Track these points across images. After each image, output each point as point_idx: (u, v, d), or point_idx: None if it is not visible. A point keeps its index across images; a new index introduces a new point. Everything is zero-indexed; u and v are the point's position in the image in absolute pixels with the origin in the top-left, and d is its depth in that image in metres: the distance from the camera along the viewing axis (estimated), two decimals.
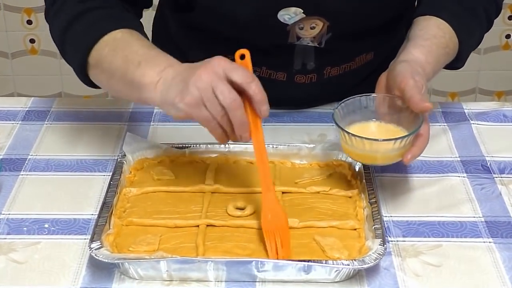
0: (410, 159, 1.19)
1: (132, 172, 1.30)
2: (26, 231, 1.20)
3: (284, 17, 1.37)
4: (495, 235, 1.20)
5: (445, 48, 1.34)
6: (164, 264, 1.08)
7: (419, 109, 1.19)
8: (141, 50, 1.21)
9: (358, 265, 1.07)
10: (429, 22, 1.36)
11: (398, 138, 1.18)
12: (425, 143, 1.21)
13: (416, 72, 1.23)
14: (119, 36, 1.25)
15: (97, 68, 1.26)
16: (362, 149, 1.19)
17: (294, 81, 1.49)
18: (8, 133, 1.45)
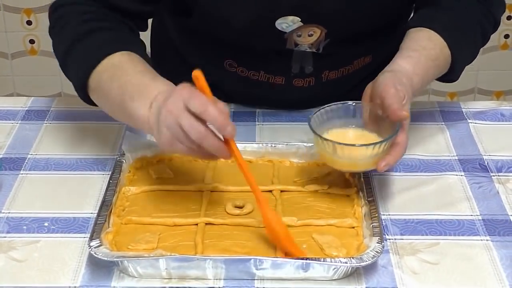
0: (383, 167, 1.19)
1: (131, 171, 1.30)
2: (26, 229, 1.20)
3: (282, 26, 1.38)
4: (492, 233, 1.20)
5: (434, 61, 1.33)
6: (163, 262, 1.08)
7: (396, 117, 1.18)
8: (135, 79, 1.22)
9: (356, 263, 1.08)
10: (419, 33, 1.36)
11: (370, 144, 1.18)
12: (401, 152, 1.20)
13: (399, 82, 1.23)
14: (117, 61, 1.26)
15: (97, 93, 1.28)
16: (334, 154, 1.19)
17: (293, 85, 1.50)
18: (8, 132, 1.46)
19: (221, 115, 1.09)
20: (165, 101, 1.12)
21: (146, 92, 1.18)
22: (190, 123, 1.09)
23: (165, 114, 1.11)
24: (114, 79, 1.23)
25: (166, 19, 1.59)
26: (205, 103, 1.09)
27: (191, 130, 1.09)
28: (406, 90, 1.22)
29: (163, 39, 1.62)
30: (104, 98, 1.27)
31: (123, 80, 1.22)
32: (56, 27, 1.35)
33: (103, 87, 1.25)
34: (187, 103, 1.09)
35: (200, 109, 1.08)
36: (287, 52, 1.43)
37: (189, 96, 1.10)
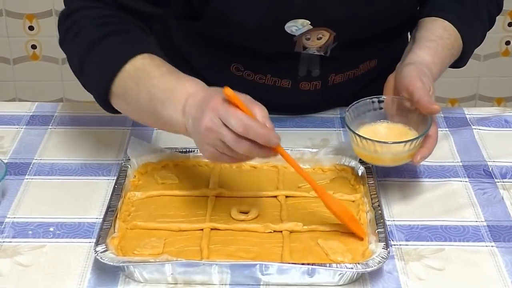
0: (419, 160, 1.22)
1: (137, 176, 1.30)
2: (31, 234, 1.21)
3: (291, 29, 1.38)
4: (497, 239, 1.20)
5: (450, 50, 1.36)
6: (169, 267, 1.08)
7: (428, 111, 1.21)
8: (162, 83, 1.20)
9: (361, 269, 1.08)
10: (434, 23, 1.38)
11: (408, 140, 1.20)
12: (433, 144, 1.23)
13: (423, 73, 1.25)
14: (140, 65, 1.23)
15: (122, 100, 1.26)
16: (373, 151, 1.22)
17: (299, 88, 1.50)
18: (13, 137, 1.46)
19: (263, 129, 1.08)
20: (201, 116, 1.11)
21: (175, 97, 1.17)
22: (234, 140, 1.08)
23: (205, 133, 1.10)
24: (140, 85, 1.21)
25: (171, 24, 1.59)
26: (244, 120, 1.08)
27: (238, 146, 1.09)
28: (430, 82, 1.25)
29: (166, 44, 1.62)
30: (132, 105, 1.25)
31: (149, 85, 1.20)
32: (69, 34, 1.32)
33: (130, 94, 1.23)
34: (225, 121, 1.08)
35: (241, 129, 1.07)
36: (294, 55, 1.44)
37: (225, 113, 1.09)
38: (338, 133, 1.48)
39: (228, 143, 1.09)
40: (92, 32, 1.29)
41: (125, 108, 1.27)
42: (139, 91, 1.21)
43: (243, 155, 1.11)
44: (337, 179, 1.30)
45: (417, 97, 1.22)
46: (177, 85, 1.19)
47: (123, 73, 1.23)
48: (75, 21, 1.32)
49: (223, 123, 1.09)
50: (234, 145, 1.09)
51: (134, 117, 1.29)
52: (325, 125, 1.51)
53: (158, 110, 1.18)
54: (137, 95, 1.21)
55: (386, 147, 1.21)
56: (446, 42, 1.36)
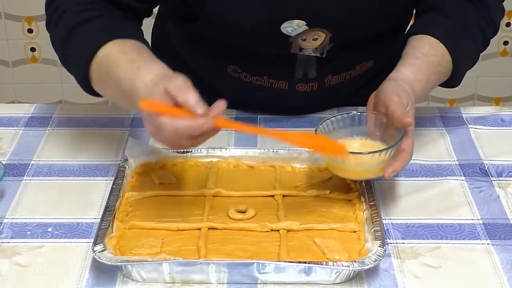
0: (390, 174, 1.20)
1: (134, 177, 1.31)
2: (30, 235, 1.21)
3: (287, 29, 1.39)
4: (493, 237, 1.21)
5: (436, 67, 1.34)
6: (166, 266, 1.09)
7: (400, 123, 1.20)
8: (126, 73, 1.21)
9: (358, 267, 1.09)
10: (420, 40, 1.37)
11: (377, 151, 1.19)
12: (407, 158, 1.21)
13: (402, 89, 1.24)
14: (109, 52, 1.26)
15: (100, 85, 1.29)
16: (342, 162, 1.20)
17: (296, 90, 1.50)
18: (11, 139, 1.47)
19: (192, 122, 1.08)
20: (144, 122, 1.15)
21: (136, 89, 1.18)
22: (175, 139, 1.11)
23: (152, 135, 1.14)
24: (110, 73, 1.24)
25: (168, 25, 1.60)
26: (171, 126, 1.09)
27: (180, 144, 1.12)
28: (409, 97, 1.23)
29: (164, 45, 1.63)
30: (108, 90, 1.28)
31: (117, 73, 1.22)
32: (52, 20, 1.36)
33: (104, 81, 1.26)
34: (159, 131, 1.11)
35: (173, 135, 1.10)
36: (291, 57, 1.44)
37: (155, 126, 1.11)
38: None
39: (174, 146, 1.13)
40: (72, 17, 1.32)
41: (104, 92, 1.31)
42: (110, 79, 1.24)
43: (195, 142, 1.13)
44: (333, 178, 1.30)
45: (391, 110, 1.21)
46: (136, 76, 1.19)
47: (96, 59, 1.26)
48: (58, 7, 1.35)
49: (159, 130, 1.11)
50: (176, 142, 1.12)
51: (114, 102, 1.32)
52: None
53: (127, 100, 1.21)
54: (110, 84, 1.25)
55: (354, 157, 1.19)
56: (431, 59, 1.34)
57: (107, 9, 1.34)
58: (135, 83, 1.18)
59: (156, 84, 1.14)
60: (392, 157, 1.20)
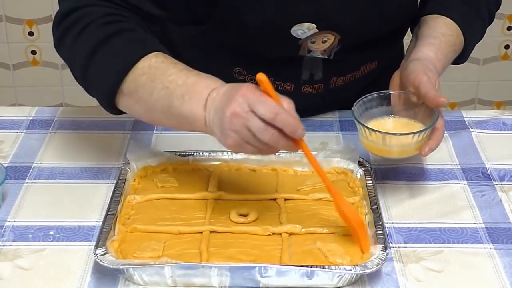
0: (427, 152, 1.24)
1: (136, 180, 1.31)
2: (32, 238, 1.21)
3: (297, 32, 1.39)
4: (495, 241, 1.21)
5: (452, 46, 1.40)
6: (168, 270, 1.09)
7: (435, 104, 1.24)
8: (180, 79, 1.18)
9: (360, 271, 1.08)
10: (437, 20, 1.42)
11: (416, 132, 1.23)
12: (441, 136, 1.25)
13: (428, 68, 1.28)
14: (154, 63, 1.21)
15: (131, 98, 1.22)
16: (382, 143, 1.24)
17: (301, 91, 1.51)
18: (13, 142, 1.46)
19: (291, 119, 1.09)
20: (228, 103, 1.10)
21: (196, 91, 1.16)
22: (260, 127, 1.08)
23: (231, 118, 1.09)
24: (156, 81, 1.19)
25: (169, 28, 1.59)
26: (274, 108, 1.08)
27: (263, 133, 1.08)
28: (436, 76, 1.28)
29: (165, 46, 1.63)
30: (142, 103, 1.21)
31: (166, 81, 1.18)
32: (69, 34, 1.27)
33: (143, 91, 1.20)
34: (254, 107, 1.08)
35: (270, 116, 1.08)
36: (298, 59, 1.45)
37: (255, 99, 1.09)
38: (337, 136, 1.49)
39: (254, 129, 1.08)
40: (99, 30, 1.24)
41: (134, 107, 1.23)
42: (154, 87, 1.19)
43: (266, 145, 1.10)
44: (336, 181, 1.30)
45: (423, 91, 1.24)
46: (198, 80, 1.18)
47: (135, 70, 1.20)
48: (77, 20, 1.27)
49: (250, 110, 1.09)
50: (260, 132, 1.08)
51: (144, 116, 1.25)
52: (324, 128, 1.51)
53: (176, 105, 1.17)
54: (151, 91, 1.19)
55: (394, 138, 1.23)
56: (448, 39, 1.39)
57: (133, 21, 1.29)
58: (195, 86, 1.16)
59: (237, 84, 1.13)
60: (427, 136, 1.24)
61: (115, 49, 1.23)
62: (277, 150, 1.13)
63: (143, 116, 1.25)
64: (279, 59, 1.44)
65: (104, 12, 1.27)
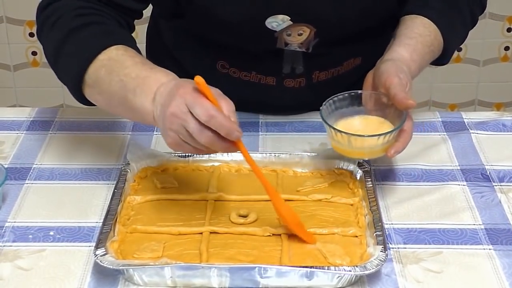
0: (393, 154, 1.24)
1: (136, 181, 1.31)
2: (32, 238, 1.21)
3: (272, 24, 1.39)
4: (495, 242, 1.21)
5: (430, 47, 1.38)
6: (168, 270, 1.09)
7: (403, 106, 1.23)
8: (134, 72, 1.21)
9: (359, 271, 1.09)
10: (414, 20, 1.40)
11: (382, 134, 1.22)
12: (408, 138, 1.25)
13: (401, 70, 1.27)
14: (114, 55, 1.25)
15: (94, 89, 1.26)
16: (348, 144, 1.24)
17: (284, 85, 1.51)
18: (13, 142, 1.47)
19: (226, 121, 1.10)
20: (168, 103, 1.12)
21: (147, 85, 1.18)
22: (197, 128, 1.10)
23: (170, 118, 1.12)
24: (113, 73, 1.23)
25: (161, 25, 1.61)
26: (209, 110, 1.09)
27: (200, 135, 1.10)
28: (407, 78, 1.27)
29: (158, 43, 1.64)
30: (103, 94, 1.25)
31: (122, 74, 1.22)
32: (47, 24, 1.33)
33: (102, 82, 1.24)
34: (191, 109, 1.10)
35: (205, 118, 1.09)
36: (278, 52, 1.45)
37: (192, 101, 1.10)
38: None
39: (191, 131, 1.10)
40: (69, 22, 1.30)
41: (97, 98, 1.28)
42: (111, 80, 1.22)
43: (204, 145, 1.11)
44: (335, 182, 1.31)
45: (393, 92, 1.24)
46: (150, 75, 1.20)
47: (96, 62, 1.25)
48: (53, 12, 1.33)
49: (189, 110, 1.10)
50: (196, 133, 1.10)
51: (106, 107, 1.29)
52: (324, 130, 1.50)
53: (129, 98, 1.19)
54: (109, 84, 1.23)
55: (360, 140, 1.23)
56: (425, 39, 1.37)
57: (105, 13, 1.33)
58: (146, 80, 1.19)
59: (185, 81, 1.14)
60: (394, 137, 1.24)
61: (81, 41, 1.28)
62: (215, 151, 1.14)
63: (106, 107, 1.29)
64: (259, 52, 1.45)
65: (78, 5, 1.32)
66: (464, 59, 3.02)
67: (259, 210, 1.23)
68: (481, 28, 2.93)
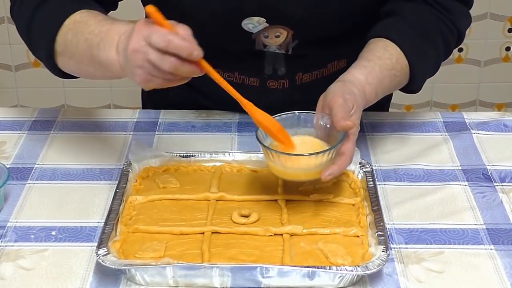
0: (327, 177, 1.19)
1: (138, 181, 1.31)
2: (34, 238, 1.21)
3: (248, 26, 1.40)
4: (496, 242, 1.21)
5: (390, 70, 1.34)
6: (170, 270, 1.09)
7: (340, 126, 1.19)
8: (97, 29, 1.22)
9: (361, 271, 1.09)
10: (377, 43, 1.37)
11: (313, 153, 1.18)
12: (346, 161, 1.21)
13: (349, 91, 1.24)
14: (78, 18, 1.26)
15: (64, 55, 1.28)
16: (281, 164, 1.20)
17: (267, 87, 1.51)
18: (15, 142, 1.47)
19: (184, 42, 1.10)
20: (127, 42, 1.13)
21: (109, 37, 1.19)
22: (159, 57, 1.09)
23: (132, 55, 1.12)
24: (78, 35, 1.23)
25: None
26: (165, 35, 1.09)
27: (162, 63, 1.10)
28: (355, 100, 1.24)
29: None
30: (73, 58, 1.26)
31: (86, 32, 1.22)
32: (15, 5, 1.36)
33: (70, 45, 1.25)
34: (149, 40, 1.10)
35: (162, 44, 1.09)
36: (259, 53, 1.46)
37: (148, 32, 1.10)
38: None
39: (153, 61, 1.10)
40: None
41: (69, 63, 1.29)
42: (78, 41, 1.23)
43: (171, 74, 1.11)
44: (337, 182, 1.31)
45: (333, 112, 1.21)
46: (111, 27, 1.21)
47: (63, 28, 1.26)
48: None
49: (147, 43, 1.10)
50: (159, 61, 1.10)
51: (78, 71, 1.30)
52: None
53: (95, 54, 1.20)
54: (77, 45, 1.24)
55: (292, 160, 1.19)
56: (385, 62, 1.33)
57: None
58: (108, 33, 1.20)
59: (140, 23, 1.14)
60: (331, 159, 1.20)
61: (48, 12, 1.30)
62: (184, 78, 1.14)
63: (77, 71, 1.30)
64: (241, 53, 1.45)
65: None
66: (465, 59, 3.03)
67: (261, 210, 1.24)
68: (482, 29, 2.93)
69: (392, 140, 1.47)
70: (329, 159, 1.20)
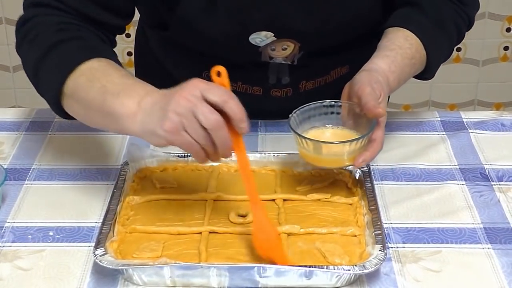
0: (360, 163, 1.23)
1: (135, 181, 1.31)
2: (31, 239, 1.21)
3: (255, 40, 1.40)
4: (493, 241, 1.21)
5: (410, 59, 1.36)
6: (167, 270, 1.09)
7: (372, 114, 1.22)
8: (119, 80, 1.19)
9: (358, 271, 1.09)
10: (396, 33, 1.39)
11: (347, 141, 1.21)
12: (378, 148, 1.24)
13: (375, 80, 1.26)
14: (96, 66, 1.23)
15: (72, 98, 1.24)
16: (314, 151, 1.23)
17: (270, 95, 1.52)
18: (13, 143, 1.47)
19: (241, 108, 1.09)
20: (178, 91, 1.09)
21: (132, 90, 1.16)
22: (208, 110, 1.07)
23: (179, 100, 1.08)
24: (94, 81, 1.20)
25: (147, 31, 1.61)
26: (228, 94, 1.09)
27: (209, 116, 1.07)
28: (382, 88, 1.26)
29: (146, 51, 1.63)
30: (80, 101, 1.22)
31: (104, 80, 1.19)
32: (26, 39, 1.31)
33: (80, 89, 1.21)
34: (205, 93, 1.08)
35: (220, 99, 1.08)
36: (263, 63, 1.46)
37: (208, 87, 1.09)
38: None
39: (200, 115, 1.07)
40: (50, 37, 1.28)
41: (74, 106, 1.25)
42: (91, 86, 1.20)
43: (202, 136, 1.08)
44: (334, 182, 1.31)
45: (364, 101, 1.23)
46: (136, 83, 1.18)
47: (76, 72, 1.22)
48: (33, 26, 1.31)
49: (202, 96, 1.08)
50: (206, 115, 1.07)
51: (82, 116, 1.26)
52: None
53: (109, 101, 1.16)
54: (88, 90, 1.20)
55: (325, 147, 1.22)
56: (406, 52, 1.36)
57: (85, 29, 1.31)
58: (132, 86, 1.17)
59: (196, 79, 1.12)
60: (363, 147, 1.22)
61: (61, 55, 1.26)
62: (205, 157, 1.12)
63: (83, 117, 1.26)
64: (245, 63, 1.45)
65: (58, 21, 1.31)
66: (463, 59, 3.03)
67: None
68: (481, 28, 2.94)
69: (389, 140, 1.47)
70: (361, 146, 1.22)
